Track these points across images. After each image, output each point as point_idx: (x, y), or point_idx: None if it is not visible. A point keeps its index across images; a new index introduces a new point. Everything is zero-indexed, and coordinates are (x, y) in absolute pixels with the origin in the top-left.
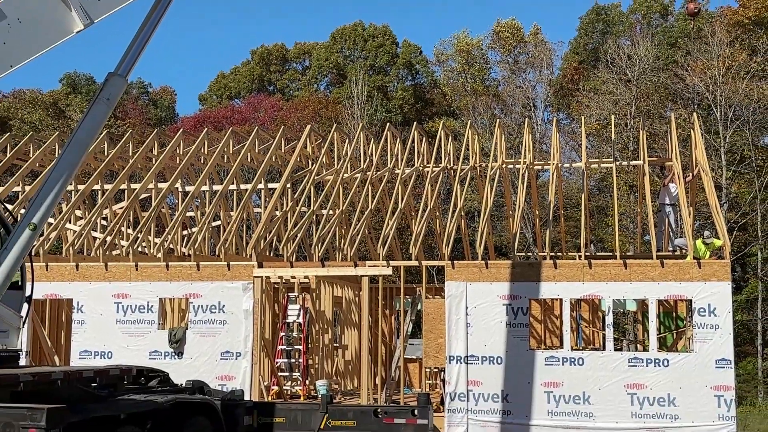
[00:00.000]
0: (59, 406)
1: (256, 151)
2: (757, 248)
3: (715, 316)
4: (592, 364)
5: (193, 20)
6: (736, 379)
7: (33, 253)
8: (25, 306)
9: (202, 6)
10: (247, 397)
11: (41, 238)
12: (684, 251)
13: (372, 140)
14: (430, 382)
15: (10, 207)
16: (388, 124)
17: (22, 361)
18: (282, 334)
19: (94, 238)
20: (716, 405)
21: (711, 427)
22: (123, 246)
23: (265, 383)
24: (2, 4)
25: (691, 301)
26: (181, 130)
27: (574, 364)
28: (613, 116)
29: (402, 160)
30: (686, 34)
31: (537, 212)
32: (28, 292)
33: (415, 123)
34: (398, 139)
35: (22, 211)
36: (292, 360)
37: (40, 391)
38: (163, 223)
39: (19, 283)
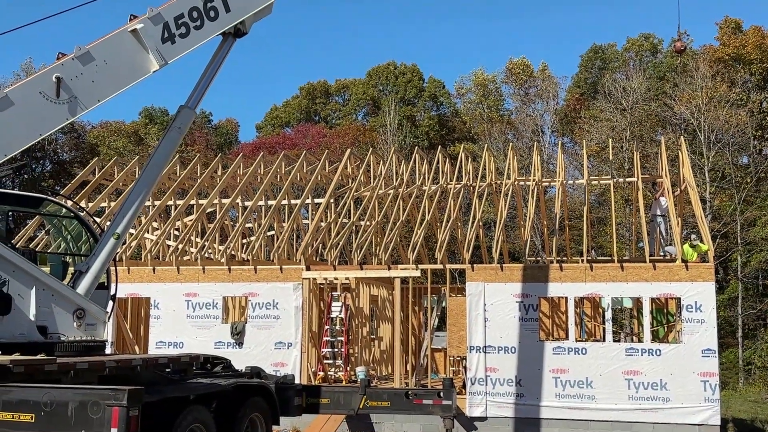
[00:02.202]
0: (138, 388)
1: (304, 171)
2: (737, 254)
3: (701, 311)
4: (593, 353)
5: (252, 63)
6: (720, 367)
7: (117, 259)
8: (110, 303)
9: (259, 51)
10: (297, 381)
11: (124, 246)
12: (673, 257)
13: (402, 162)
14: (454, 368)
15: (98, 219)
16: (416, 147)
17: (108, 350)
18: (326, 327)
19: (168, 246)
20: (702, 389)
21: (698, 408)
22: (192, 252)
23: (312, 369)
24: (92, 48)
25: (680, 299)
26: (241, 154)
27: (578, 354)
28: (610, 140)
29: (428, 178)
30: (674, 68)
31: (545, 222)
32: (112, 292)
33: (439, 147)
34: (425, 161)
35: (108, 223)
36: (335, 349)
37: (122, 375)
38: (226, 232)
39: (106, 284)
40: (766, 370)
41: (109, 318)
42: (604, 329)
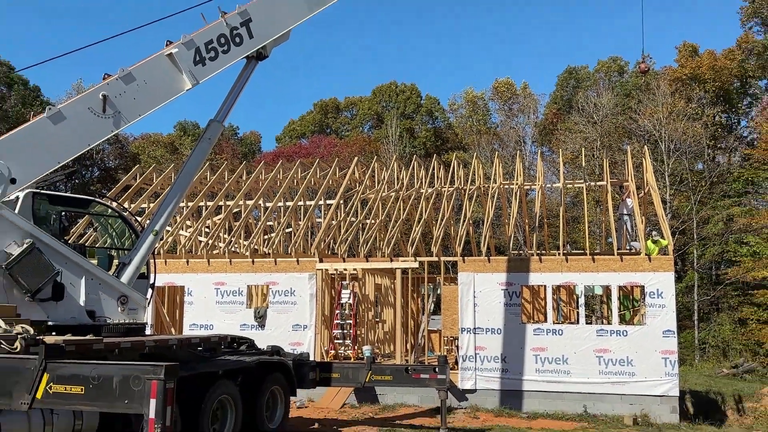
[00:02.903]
0: (174, 364)
1: (318, 176)
2: (693, 248)
3: (662, 298)
4: (569, 334)
5: (272, 83)
6: (678, 346)
7: (155, 252)
8: (150, 291)
9: (279, 73)
10: (311, 358)
11: (161, 241)
12: (638, 250)
13: (403, 168)
14: (447, 347)
15: (139, 218)
16: (414, 156)
17: (147, 331)
18: (337, 311)
19: (200, 241)
20: (663, 365)
21: (660, 381)
22: (221, 247)
23: (325, 348)
24: (133, 70)
25: (643, 286)
26: (263, 162)
27: (556, 334)
28: (583, 149)
29: (425, 182)
30: (638, 87)
31: (526, 221)
32: (151, 281)
33: (434, 155)
34: (422, 167)
35: (148, 221)
36: (345, 331)
37: (160, 353)
38: (250, 230)
39: (146, 274)
40: (719, 349)
41: (148, 304)
42: (577, 313)
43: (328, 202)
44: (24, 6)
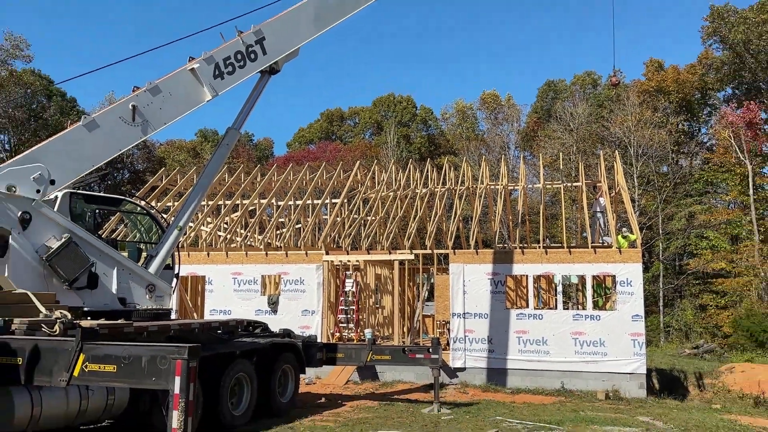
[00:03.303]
0: (196, 345)
1: (324, 178)
2: (658, 241)
3: (631, 286)
4: (548, 318)
5: (283, 94)
6: (645, 329)
7: (179, 246)
8: (174, 280)
9: (289, 85)
10: (318, 340)
11: (185, 236)
12: (610, 244)
13: (400, 171)
14: (440, 330)
15: (164, 216)
16: (410, 160)
17: (172, 316)
18: (341, 298)
19: (219, 236)
20: (632, 346)
21: (629, 360)
22: (238, 241)
23: (330, 331)
24: (160, 83)
25: (615, 276)
26: (275, 165)
27: (536, 319)
28: (560, 153)
29: (420, 183)
30: (610, 98)
31: (510, 217)
32: (176, 271)
33: (428, 159)
34: (417, 170)
35: (173, 218)
36: (348, 315)
37: (184, 335)
38: (264, 225)
39: (171, 265)
40: (681, 332)
41: (173, 292)
42: (556, 300)
43: (334, 200)
44: (24, 6)
